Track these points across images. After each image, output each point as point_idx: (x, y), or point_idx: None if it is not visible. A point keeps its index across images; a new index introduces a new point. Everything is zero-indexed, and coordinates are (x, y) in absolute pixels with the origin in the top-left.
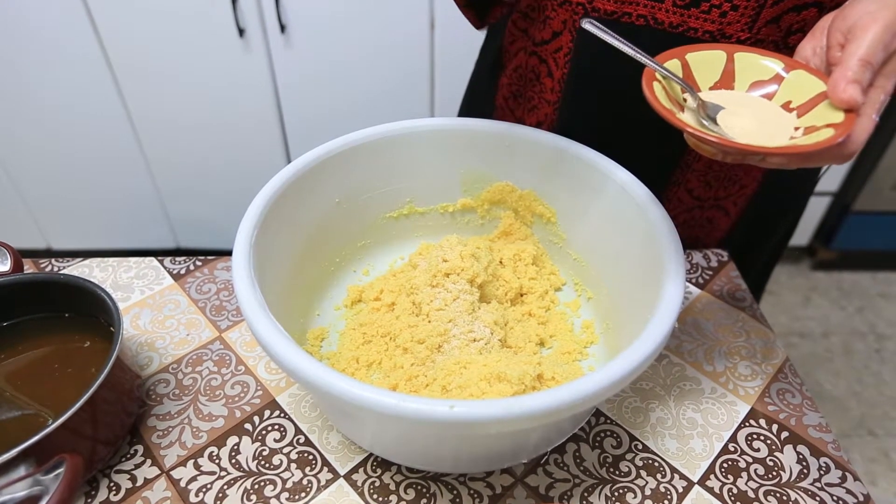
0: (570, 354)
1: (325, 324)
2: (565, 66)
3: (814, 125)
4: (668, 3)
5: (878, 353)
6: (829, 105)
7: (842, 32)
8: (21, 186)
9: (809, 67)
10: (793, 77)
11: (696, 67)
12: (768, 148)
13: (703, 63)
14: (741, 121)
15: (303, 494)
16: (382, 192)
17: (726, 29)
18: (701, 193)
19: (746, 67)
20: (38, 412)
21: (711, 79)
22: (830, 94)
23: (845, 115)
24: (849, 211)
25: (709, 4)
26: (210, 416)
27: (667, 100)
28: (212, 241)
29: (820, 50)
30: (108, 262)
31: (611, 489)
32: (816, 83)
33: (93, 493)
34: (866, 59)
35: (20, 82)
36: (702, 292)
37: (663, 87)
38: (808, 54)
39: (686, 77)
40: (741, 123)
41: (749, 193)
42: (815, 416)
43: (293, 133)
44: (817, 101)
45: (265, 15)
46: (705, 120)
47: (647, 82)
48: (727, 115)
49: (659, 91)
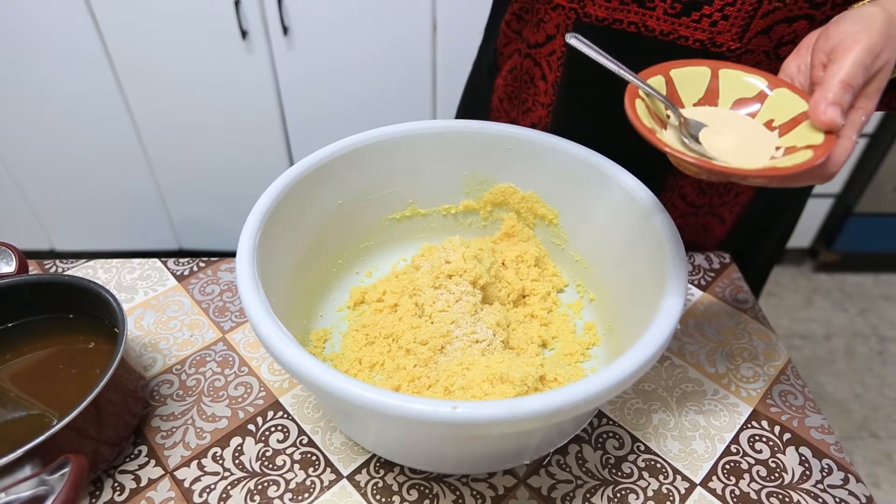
0: (572, 356)
1: (328, 325)
2: (558, 70)
3: (794, 145)
4: (658, 11)
5: (881, 355)
6: (809, 125)
7: (825, 52)
8: (25, 188)
9: (793, 86)
10: (776, 95)
11: (681, 84)
12: (747, 170)
13: (688, 79)
14: (723, 139)
15: (306, 495)
16: (385, 193)
17: (717, 38)
18: (695, 200)
19: (730, 84)
20: (42, 413)
21: (696, 95)
22: (811, 116)
23: (825, 136)
24: (851, 213)
25: (699, 14)
26: (213, 417)
27: (649, 117)
28: (214, 242)
29: (805, 67)
30: (111, 264)
31: (613, 490)
32: (799, 102)
33: (97, 494)
34: (847, 82)
35: (24, 84)
36: (704, 294)
37: (646, 105)
38: (793, 72)
39: (670, 93)
40: (723, 142)
41: (744, 201)
42: (818, 418)
43: (295, 135)
44: (799, 120)
45: (268, 17)
46: (687, 138)
47: (630, 99)
48: (709, 133)
49: (641, 108)
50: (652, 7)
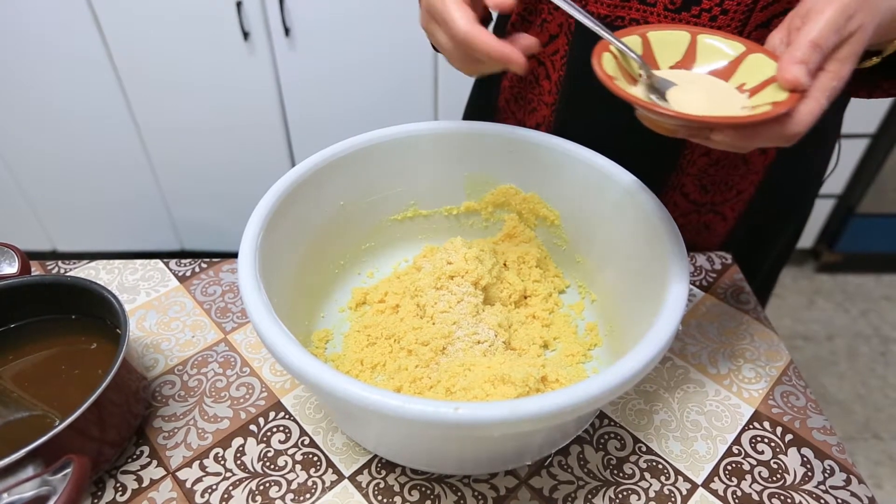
0: (573, 357)
1: (330, 326)
2: (562, 69)
3: (759, 104)
4: (659, 7)
5: (883, 356)
6: (777, 87)
7: (800, 17)
8: (27, 189)
9: (769, 52)
10: (751, 60)
11: (658, 46)
12: (705, 117)
13: (666, 42)
14: (690, 97)
15: (308, 496)
16: (387, 194)
17: None
18: (697, 198)
19: (708, 50)
20: (45, 413)
21: (673, 59)
22: (777, 75)
23: (790, 95)
24: (853, 213)
25: (699, 8)
26: (215, 418)
27: (616, 69)
28: (215, 243)
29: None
30: (114, 265)
31: (615, 491)
32: (771, 65)
33: (99, 494)
34: (816, 42)
35: (26, 86)
36: (706, 295)
37: (617, 62)
38: (776, 43)
39: (646, 55)
40: (689, 99)
41: (746, 198)
42: (820, 419)
43: (297, 136)
44: (769, 82)
45: (269, 18)
46: (654, 94)
47: (597, 53)
48: (678, 91)
49: (610, 63)
50: (653, 3)
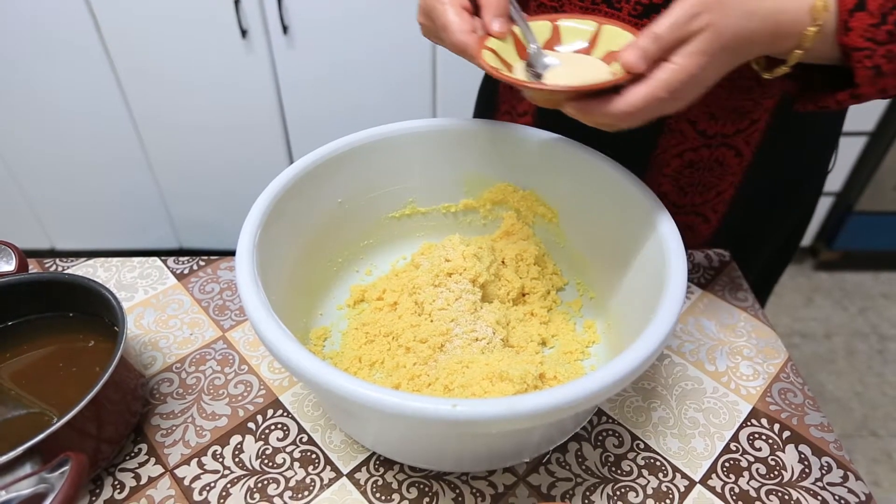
0: (571, 354)
1: (328, 323)
2: None
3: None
4: (623, 12)
5: (881, 353)
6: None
7: None
8: (25, 187)
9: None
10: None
11: (565, 34)
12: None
13: (573, 31)
14: (563, 73)
15: (306, 493)
16: (385, 192)
17: None
18: (676, 199)
19: (608, 38)
20: (42, 411)
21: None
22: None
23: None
24: (851, 211)
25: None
26: (213, 415)
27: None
28: (214, 241)
29: None
30: (111, 262)
31: (612, 488)
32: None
33: (97, 492)
34: (657, 34)
35: (23, 83)
36: (703, 292)
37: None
38: None
39: (553, 39)
40: (562, 76)
41: (727, 199)
42: (817, 416)
43: (295, 133)
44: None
45: (268, 16)
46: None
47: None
48: (556, 70)
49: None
50: (619, 8)
